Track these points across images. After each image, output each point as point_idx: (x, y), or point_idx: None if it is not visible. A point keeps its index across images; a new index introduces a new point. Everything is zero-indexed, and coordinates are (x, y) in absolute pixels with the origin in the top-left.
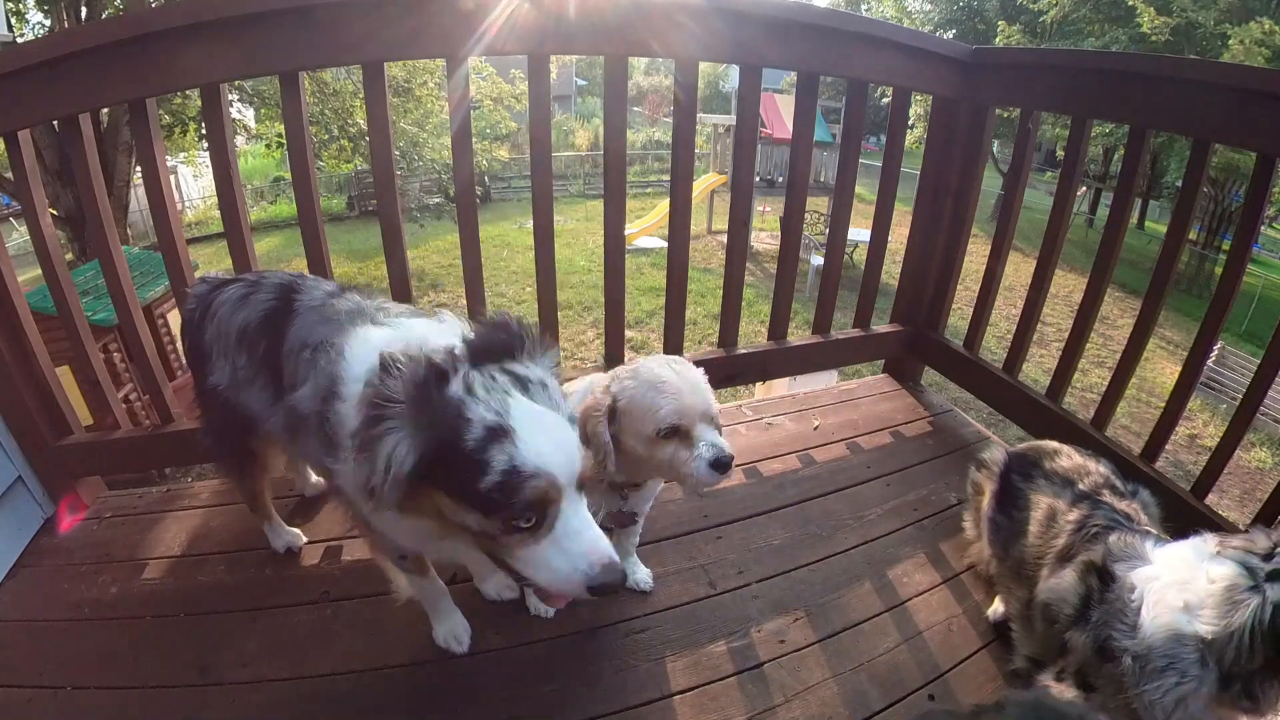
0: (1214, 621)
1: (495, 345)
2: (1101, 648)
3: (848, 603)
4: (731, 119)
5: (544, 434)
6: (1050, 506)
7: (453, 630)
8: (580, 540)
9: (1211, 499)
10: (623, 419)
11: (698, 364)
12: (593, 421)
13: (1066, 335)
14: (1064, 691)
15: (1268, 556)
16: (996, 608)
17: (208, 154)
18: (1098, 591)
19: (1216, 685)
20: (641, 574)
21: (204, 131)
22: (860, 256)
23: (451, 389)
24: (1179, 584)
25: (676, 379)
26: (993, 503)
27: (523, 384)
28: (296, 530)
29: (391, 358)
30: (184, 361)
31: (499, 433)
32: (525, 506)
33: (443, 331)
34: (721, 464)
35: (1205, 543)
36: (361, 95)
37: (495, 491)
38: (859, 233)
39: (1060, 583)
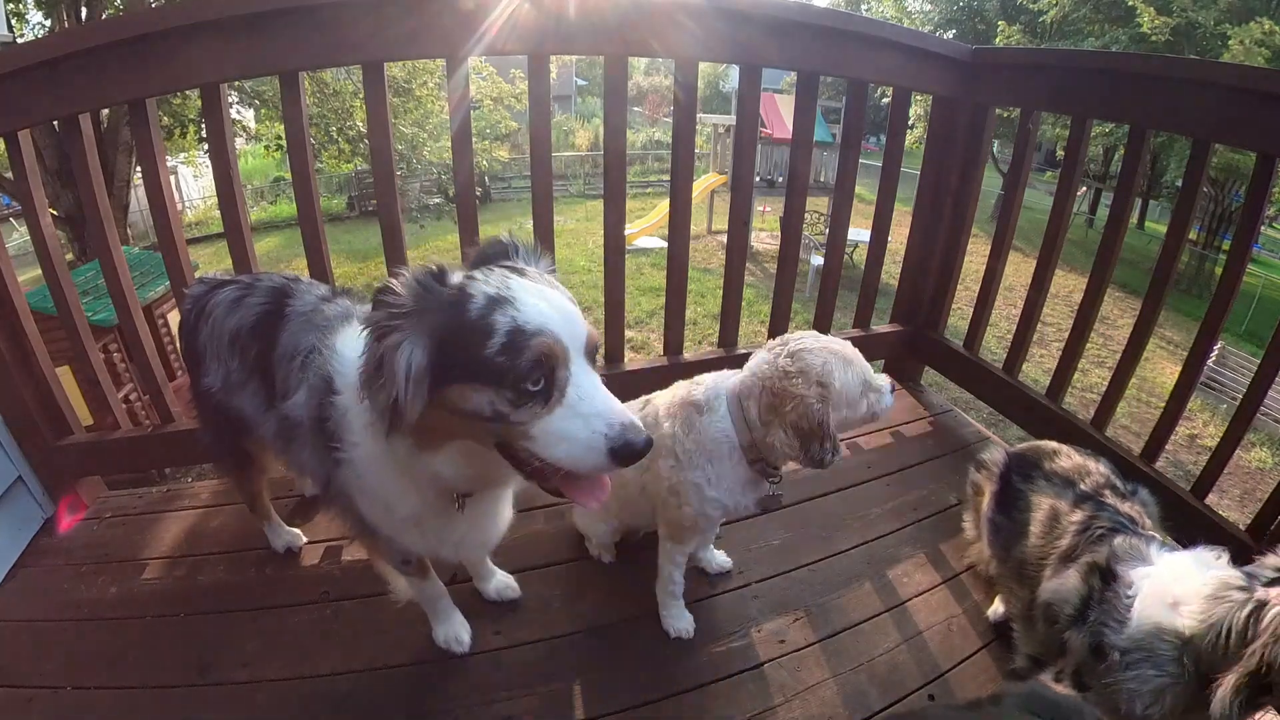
0: (1195, 617)
1: (491, 253)
2: (1096, 646)
3: (848, 603)
4: (731, 119)
5: (544, 300)
6: (1052, 508)
7: (453, 631)
8: (594, 401)
9: (1211, 499)
10: (835, 398)
11: (699, 364)
12: (817, 413)
13: (1066, 335)
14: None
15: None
16: (996, 608)
17: (208, 154)
18: (1098, 591)
19: (1194, 682)
20: (721, 556)
21: (204, 132)
22: (860, 256)
23: (451, 278)
24: (1173, 581)
25: (847, 349)
26: (993, 503)
27: (520, 273)
28: (296, 530)
29: (384, 283)
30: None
31: (500, 300)
32: (531, 365)
33: None
34: (893, 389)
35: (1211, 552)
36: (361, 95)
37: (501, 354)
38: (859, 233)
39: (1063, 583)
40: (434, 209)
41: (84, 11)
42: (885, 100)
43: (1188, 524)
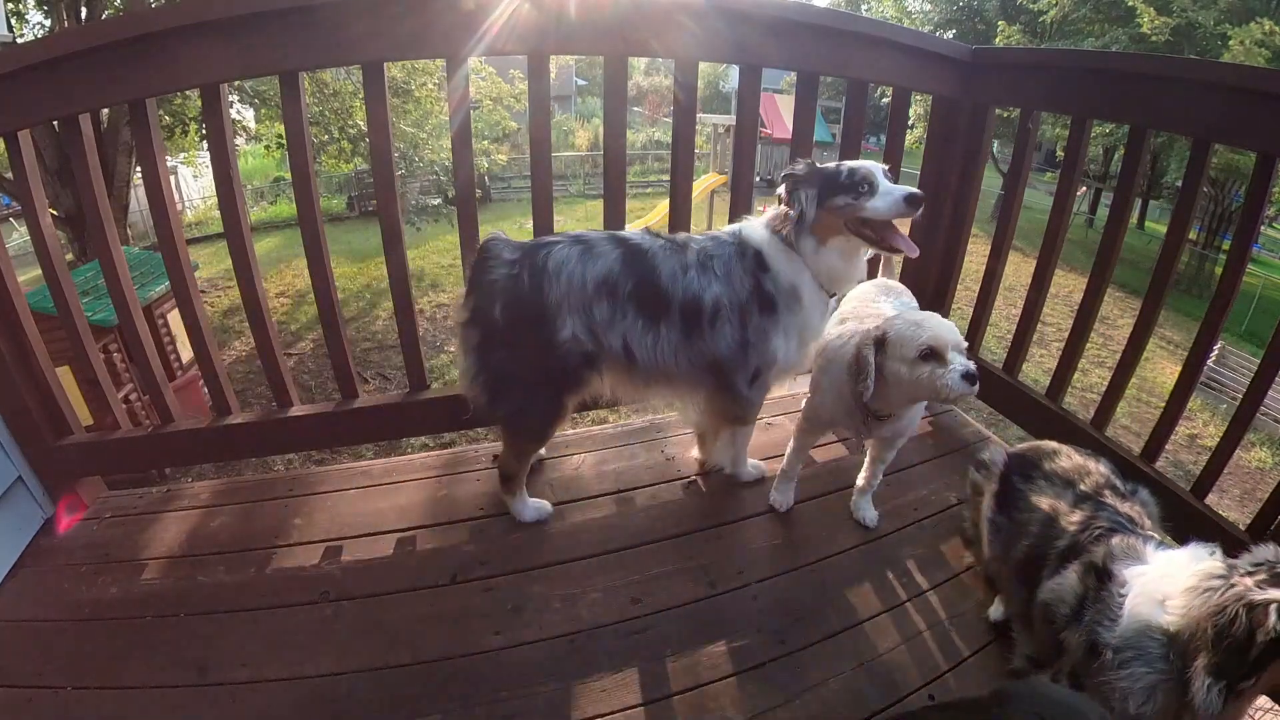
0: (1177, 612)
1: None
2: (1091, 645)
3: (848, 603)
4: (731, 119)
5: (866, 161)
6: (1052, 507)
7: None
8: (891, 188)
9: (1212, 499)
10: (890, 347)
11: None
12: (865, 348)
13: (1066, 335)
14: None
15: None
16: (996, 608)
17: (208, 154)
18: (1094, 591)
19: (1181, 678)
20: (871, 513)
21: (204, 132)
22: None
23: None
24: (1162, 578)
25: (931, 319)
26: (993, 504)
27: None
28: (545, 502)
29: (788, 168)
30: (192, 363)
31: (844, 162)
32: (860, 180)
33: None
34: (971, 376)
35: (1205, 548)
36: (361, 96)
37: (848, 179)
38: None
39: (1061, 583)
40: (431, 211)
41: (84, 11)
42: (885, 100)
43: (1188, 524)
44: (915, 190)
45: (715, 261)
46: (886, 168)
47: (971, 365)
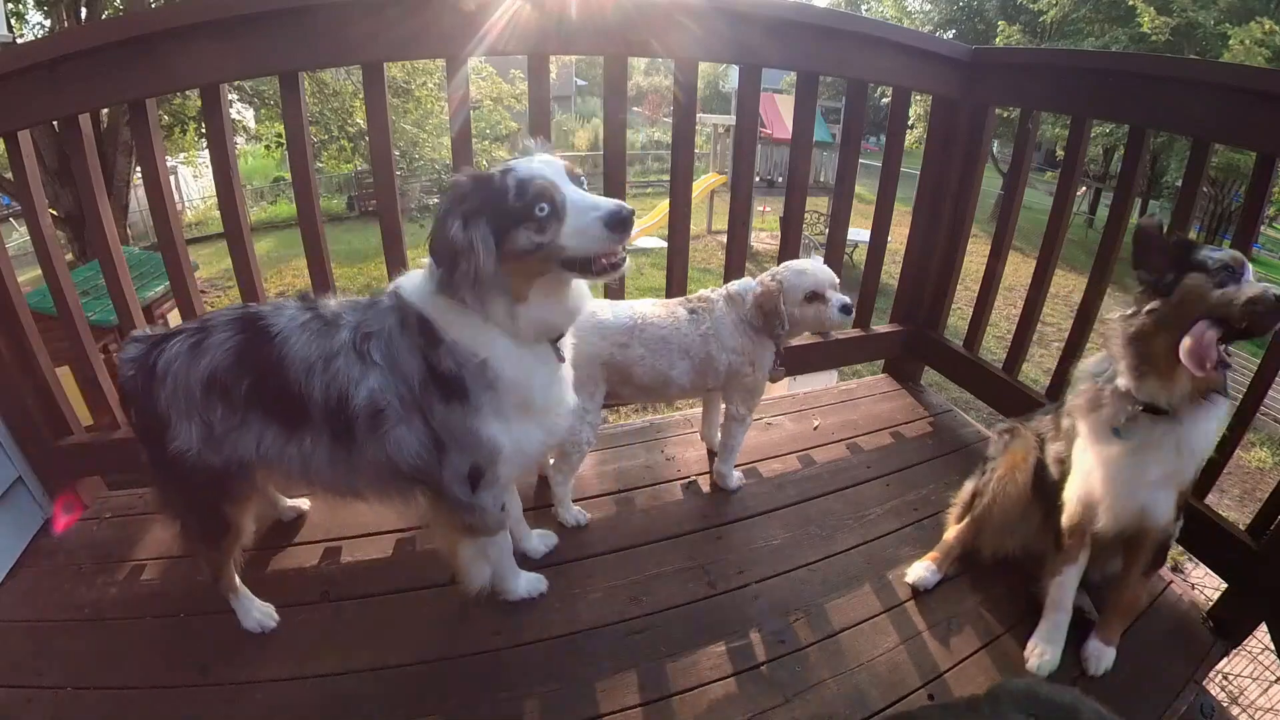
0: None
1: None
2: None
3: (848, 603)
4: (731, 119)
5: (536, 163)
6: None
7: (528, 579)
8: (585, 199)
9: (1211, 499)
10: (785, 294)
11: None
12: (770, 299)
13: (1066, 335)
14: None
15: None
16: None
17: (208, 154)
18: None
19: None
20: (736, 475)
21: (204, 131)
22: (860, 256)
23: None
24: None
25: (811, 265)
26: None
27: (529, 154)
28: (269, 607)
29: (452, 192)
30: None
31: (506, 171)
32: (535, 197)
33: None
34: (847, 308)
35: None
36: (361, 95)
37: (518, 198)
38: (859, 233)
39: None
40: (434, 209)
41: (84, 11)
42: (885, 100)
43: (1187, 523)
44: (620, 204)
45: (373, 342)
46: (566, 163)
47: (846, 299)
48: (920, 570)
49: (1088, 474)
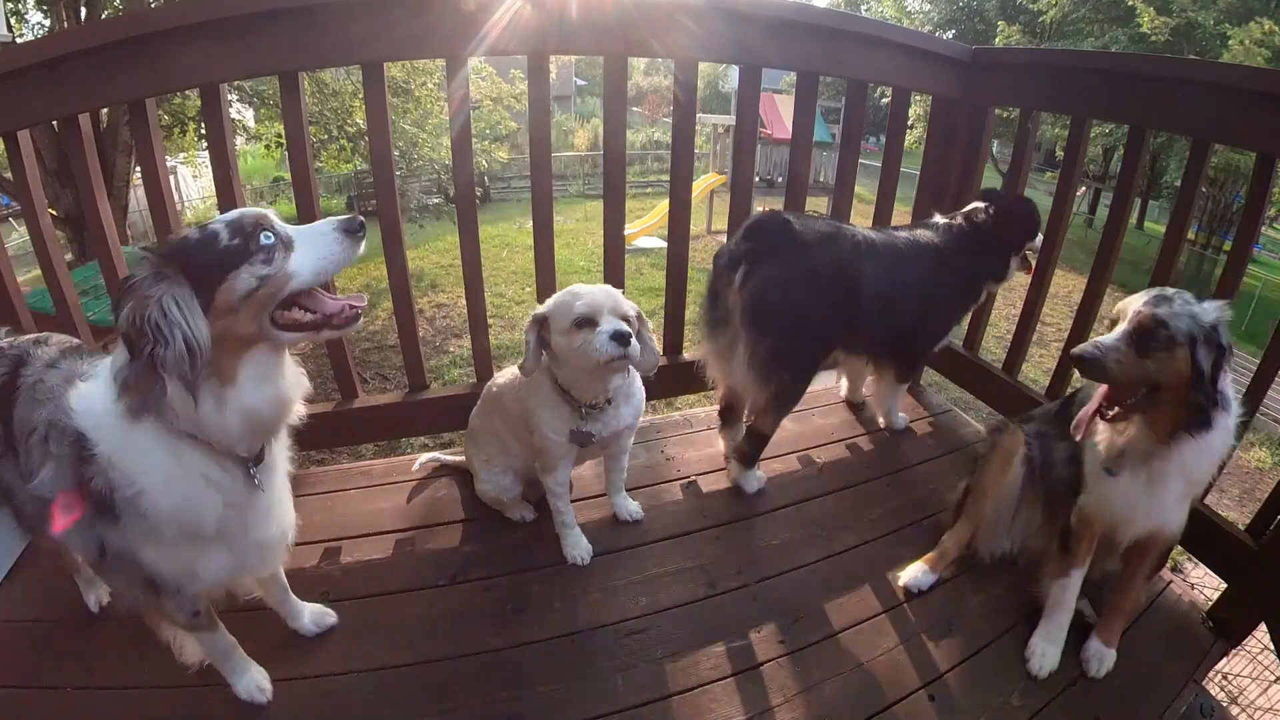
0: None
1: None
2: None
3: (848, 602)
4: (731, 119)
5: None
6: None
7: (254, 680)
8: (311, 229)
9: (1211, 499)
10: (552, 322)
11: (696, 365)
12: (527, 330)
13: (1066, 335)
14: None
15: None
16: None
17: (207, 154)
18: None
19: None
20: (631, 506)
21: (204, 131)
22: None
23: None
24: None
25: (588, 288)
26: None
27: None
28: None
29: (141, 252)
30: None
31: (203, 226)
32: (254, 226)
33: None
34: (620, 335)
35: None
36: (361, 95)
37: (234, 236)
38: None
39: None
40: (433, 209)
41: (84, 11)
42: (885, 100)
43: (1187, 523)
44: (353, 216)
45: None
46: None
47: (622, 325)
48: (914, 573)
49: (1106, 496)
